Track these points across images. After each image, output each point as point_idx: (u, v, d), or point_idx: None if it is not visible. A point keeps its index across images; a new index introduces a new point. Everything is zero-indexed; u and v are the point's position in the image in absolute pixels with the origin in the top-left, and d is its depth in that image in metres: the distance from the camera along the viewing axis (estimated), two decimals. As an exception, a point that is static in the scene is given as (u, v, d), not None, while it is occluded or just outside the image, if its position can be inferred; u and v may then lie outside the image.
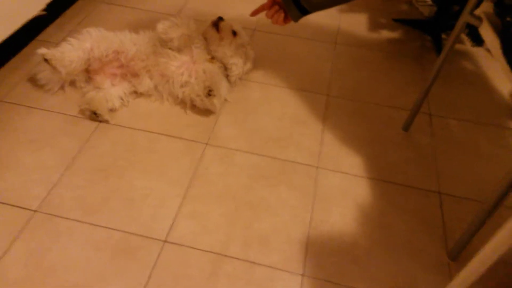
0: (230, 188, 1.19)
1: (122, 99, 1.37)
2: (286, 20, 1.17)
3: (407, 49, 1.75)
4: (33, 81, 1.43)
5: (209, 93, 1.31)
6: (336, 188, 1.21)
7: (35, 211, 1.09)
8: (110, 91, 1.36)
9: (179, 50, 1.39)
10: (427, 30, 1.81)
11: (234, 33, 1.44)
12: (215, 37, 1.43)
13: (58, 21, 1.70)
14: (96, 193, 1.15)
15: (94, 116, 1.31)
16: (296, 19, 1.15)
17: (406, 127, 1.39)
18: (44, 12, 1.51)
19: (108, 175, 1.19)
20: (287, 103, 1.46)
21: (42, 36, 1.62)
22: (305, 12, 1.11)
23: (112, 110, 1.35)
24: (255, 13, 1.24)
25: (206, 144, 1.31)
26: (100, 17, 1.76)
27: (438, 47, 1.72)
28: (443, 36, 1.78)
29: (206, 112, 1.39)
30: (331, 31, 1.81)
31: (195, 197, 1.16)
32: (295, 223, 1.12)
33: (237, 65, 1.44)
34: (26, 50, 1.55)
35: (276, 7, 1.16)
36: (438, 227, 1.15)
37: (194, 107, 1.40)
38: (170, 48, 1.38)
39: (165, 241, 1.06)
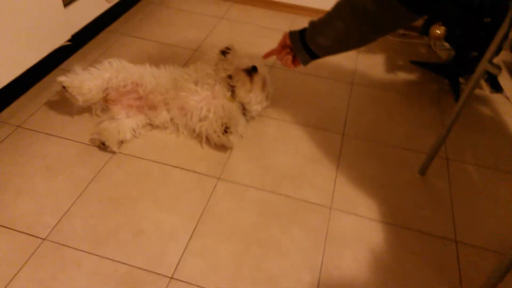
0: (240, 225, 1.17)
1: (134, 131, 1.38)
2: (295, 63, 1.17)
3: (424, 91, 1.75)
4: (52, 108, 1.46)
5: (226, 130, 1.32)
6: (349, 231, 1.18)
7: (44, 239, 1.08)
8: (124, 123, 1.37)
9: (203, 83, 1.41)
10: (445, 73, 1.81)
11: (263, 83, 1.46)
12: (246, 86, 1.42)
13: (81, 51, 1.76)
14: (106, 223, 1.14)
15: (103, 146, 1.32)
16: (305, 63, 1.14)
17: (423, 171, 1.36)
18: (69, 43, 1.56)
19: (120, 205, 1.19)
20: (302, 141, 1.46)
21: (65, 65, 1.66)
22: (314, 56, 1.11)
23: (122, 142, 1.36)
24: (267, 56, 1.25)
25: (218, 178, 1.30)
26: (122, 49, 1.81)
27: (456, 91, 1.71)
28: (461, 80, 1.77)
29: (221, 147, 1.39)
30: (348, 71, 1.82)
31: (204, 233, 1.14)
32: (306, 266, 1.09)
33: (258, 110, 1.48)
34: (48, 78, 1.59)
35: (287, 50, 1.17)
36: (455, 277, 1.10)
37: (209, 142, 1.40)
38: (195, 83, 1.40)
39: (171, 278, 1.04)
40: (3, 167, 1.25)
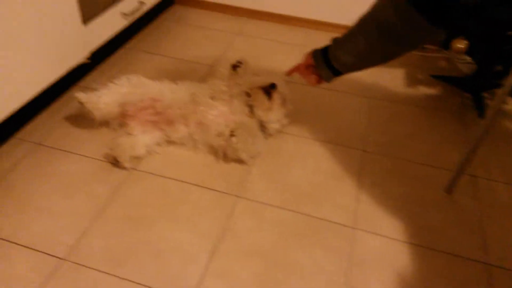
0: (260, 246, 1.14)
1: (148, 147, 1.37)
2: (319, 80, 1.18)
3: (446, 106, 1.71)
4: (71, 124, 1.46)
5: (232, 133, 1.30)
6: (374, 253, 1.14)
7: (62, 259, 1.07)
8: (138, 138, 1.36)
9: (220, 98, 1.40)
10: (467, 87, 1.77)
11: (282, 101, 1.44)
12: (265, 104, 1.41)
13: (99, 68, 1.77)
14: (125, 243, 1.12)
15: (115, 162, 1.31)
16: (328, 80, 1.15)
17: (449, 189, 1.32)
18: (88, 60, 1.57)
19: (138, 224, 1.17)
20: (322, 158, 1.43)
21: (83, 82, 1.67)
22: (337, 73, 1.11)
23: (137, 158, 1.35)
24: (290, 73, 1.27)
25: (237, 196, 1.27)
26: (140, 66, 1.81)
27: (479, 105, 1.67)
28: (484, 94, 1.73)
29: (239, 163, 1.37)
30: (367, 85, 1.79)
31: (224, 253, 1.11)
32: (330, 289, 1.05)
33: (277, 128, 1.45)
34: (67, 95, 1.60)
35: (311, 69, 1.17)
36: (487, 302, 1.05)
37: (226, 157, 1.38)
38: (211, 98, 1.39)
39: (191, 300, 1.01)
40: (23, 186, 1.25)
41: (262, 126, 1.43)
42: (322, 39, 1.15)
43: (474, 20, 1.35)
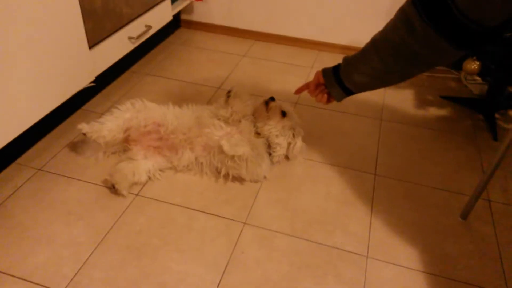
0: (269, 277, 1.08)
1: (150, 173, 1.33)
2: (329, 99, 1.14)
3: (458, 127, 1.66)
4: (74, 150, 1.43)
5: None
6: (389, 283, 1.08)
7: (61, 292, 1.02)
8: (140, 164, 1.32)
9: (227, 122, 1.37)
10: (479, 108, 1.73)
11: (284, 114, 1.41)
12: (263, 115, 1.41)
13: (104, 91, 1.75)
14: (126, 275, 1.07)
15: (113, 189, 1.27)
16: (339, 99, 1.11)
17: (465, 215, 1.26)
18: (93, 84, 1.55)
19: (141, 254, 1.12)
20: (332, 182, 1.38)
21: (87, 106, 1.65)
22: (349, 92, 1.07)
23: (137, 184, 1.31)
24: (299, 91, 1.23)
25: (244, 223, 1.22)
26: (145, 89, 1.79)
27: (492, 127, 1.62)
28: (496, 115, 1.69)
29: (245, 189, 1.33)
30: (376, 107, 1.75)
31: (231, 286, 1.05)
32: (344, 324, 0.99)
33: (281, 145, 1.40)
34: (71, 119, 1.58)
35: (321, 87, 1.13)
36: (513, 338, 0.98)
37: (232, 180, 1.34)
38: (218, 119, 1.36)
39: (197, 337, 0.95)
40: (22, 213, 1.21)
41: (269, 147, 1.39)
42: (330, 61, 1.12)
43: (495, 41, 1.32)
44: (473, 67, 1.52)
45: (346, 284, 1.07)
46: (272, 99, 1.43)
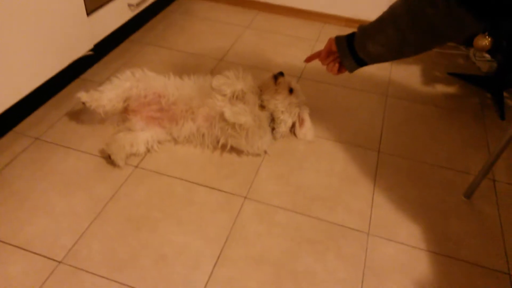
0: (270, 252, 1.07)
1: (149, 144, 1.30)
2: (341, 69, 1.09)
3: (465, 105, 1.63)
4: (72, 119, 1.40)
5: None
6: (390, 261, 1.07)
7: (60, 262, 1.01)
8: (138, 135, 1.29)
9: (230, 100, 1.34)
10: (486, 86, 1.69)
11: (291, 91, 1.37)
12: (271, 88, 1.38)
13: (103, 60, 1.70)
14: (126, 246, 1.05)
15: (109, 159, 1.25)
16: (351, 70, 1.06)
17: (468, 194, 1.24)
18: (91, 52, 1.50)
19: (141, 226, 1.11)
20: (335, 159, 1.35)
21: (86, 75, 1.61)
22: (362, 63, 1.02)
23: (135, 155, 1.29)
24: (309, 59, 1.17)
25: (245, 198, 1.21)
26: (145, 59, 1.75)
27: (499, 105, 1.59)
28: (505, 94, 1.65)
29: (247, 163, 1.31)
30: (382, 82, 1.71)
31: (231, 259, 1.05)
32: (344, 300, 0.98)
33: (286, 123, 1.37)
34: (69, 88, 1.54)
35: (333, 56, 1.09)
36: (512, 318, 0.98)
37: (233, 155, 1.32)
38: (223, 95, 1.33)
39: (196, 309, 0.94)
40: (20, 182, 1.19)
41: (272, 121, 1.36)
42: (335, 34, 1.07)
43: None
44: (484, 43, 1.47)
45: (347, 260, 1.06)
46: (281, 74, 1.40)
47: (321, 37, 1.96)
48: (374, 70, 1.76)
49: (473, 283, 1.04)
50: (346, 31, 1.02)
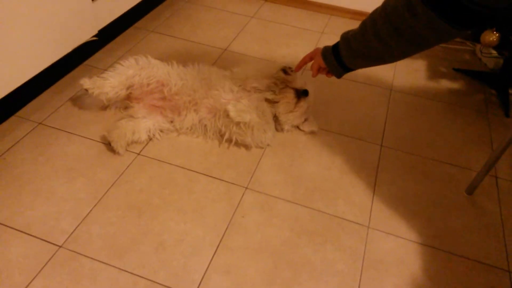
0: (269, 242, 1.07)
1: (151, 133, 1.30)
2: (328, 74, 1.16)
3: (469, 101, 1.62)
4: (75, 105, 1.40)
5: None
6: (389, 254, 1.07)
7: (60, 246, 1.01)
8: (140, 123, 1.29)
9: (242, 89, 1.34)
10: (492, 83, 1.67)
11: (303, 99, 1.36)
12: (290, 106, 1.33)
13: (107, 47, 1.69)
14: (126, 232, 1.06)
15: (110, 145, 1.25)
16: (339, 77, 1.13)
17: (470, 190, 1.24)
18: (95, 38, 1.50)
19: (141, 213, 1.11)
20: (337, 151, 1.35)
21: (90, 61, 1.60)
22: (348, 70, 1.08)
23: (137, 142, 1.29)
24: (298, 68, 1.28)
25: (246, 188, 1.21)
26: (149, 46, 1.74)
27: (504, 102, 1.58)
28: (510, 91, 1.63)
29: (248, 154, 1.31)
30: (386, 77, 1.70)
31: (230, 248, 1.05)
32: (342, 291, 0.98)
33: (291, 125, 1.38)
34: (72, 74, 1.53)
35: (321, 67, 1.16)
36: (509, 314, 0.98)
37: (235, 145, 1.31)
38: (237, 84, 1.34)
39: (194, 297, 0.95)
40: (22, 166, 1.19)
41: (275, 117, 1.35)
42: (342, 26, 1.08)
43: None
44: (491, 38, 1.45)
45: (346, 252, 1.06)
46: (305, 93, 1.34)
47: (326, 29, 1.95)
48: (379, 64, 1.75)
49: (472, 280, 1.04)
50: (352, 23, 1.03)
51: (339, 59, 1.06)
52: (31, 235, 1.03)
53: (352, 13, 2.05)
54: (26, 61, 1.24)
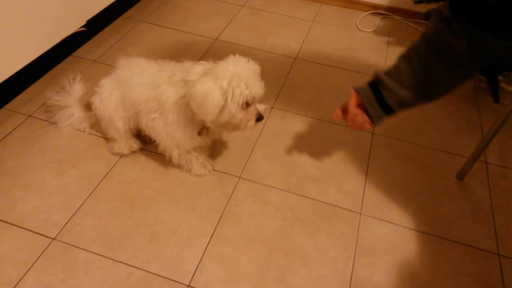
0: (263, 230, 1.08)
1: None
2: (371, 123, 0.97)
3: (459, 88, 1.62)
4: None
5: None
6: (381, 240, 1.08)
7: (53, 239, 1.01)
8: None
9: None
10: (481, 70, 1.68)
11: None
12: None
13: (96, 37, 1.67)
14: (119, 224, 1.06)
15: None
16: (378, 121, 0.93)
17: (461, 176, 1.25)
18: (84, 28, 1.48)
19: (134, 204, 1.11)
20: (329, 139, 1.35)
21: (78, 52, 1.58)
22: (389, 112, 0.92)
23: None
24: (337, 116, 1.06)
25: (239, 177, 1.21)
26: (138, 36, 1.72)
27: (494, 89, 1.59)
28: (500, 77, 1.65)
29: (241, 143, 1.31)
30: (377, 65, 1.70)
31: (224, 238, 1.05)
32: (334, 278, 0.99)
33: None
34: (61, 65, 1.51)
35: (359, 109, 0.98)
36: (499, 296, 1.00)
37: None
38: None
39: (188, 286, 0.95)
40: (12, 160, 1.18)
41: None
42: (332, 14, 1.06)
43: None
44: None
45: (339, 239, 1.08)
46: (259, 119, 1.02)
47: (317, 18, 1.94)
48: (370, 52, 1.75)
49: (462, 263, 1.06)
50: (344, 12, 1.01)
51: (379, 95, 0.91)
52: (23, 228, 1.03)
53: (344, 1, 2.04)
54: (14, 53, 1.23)
